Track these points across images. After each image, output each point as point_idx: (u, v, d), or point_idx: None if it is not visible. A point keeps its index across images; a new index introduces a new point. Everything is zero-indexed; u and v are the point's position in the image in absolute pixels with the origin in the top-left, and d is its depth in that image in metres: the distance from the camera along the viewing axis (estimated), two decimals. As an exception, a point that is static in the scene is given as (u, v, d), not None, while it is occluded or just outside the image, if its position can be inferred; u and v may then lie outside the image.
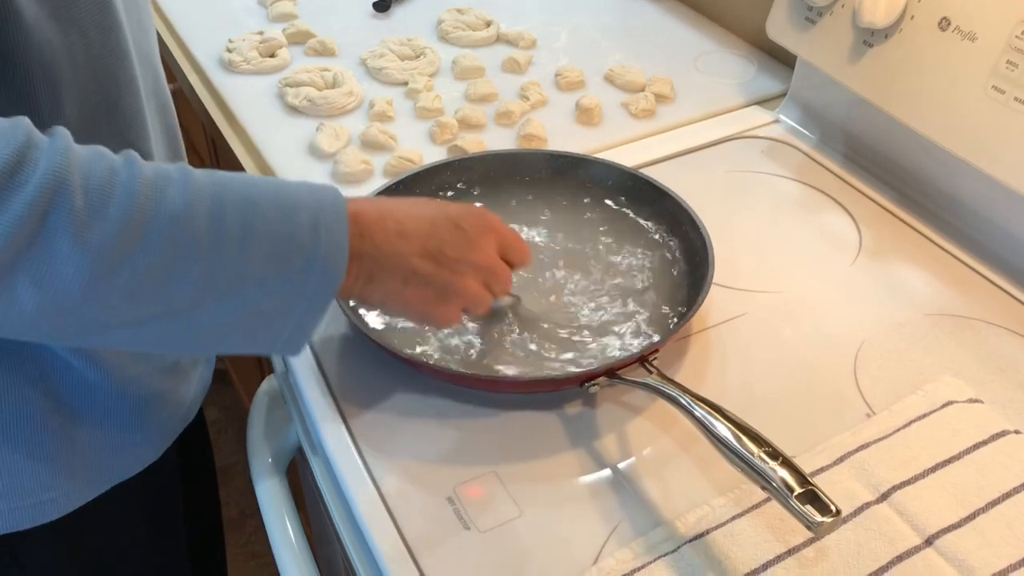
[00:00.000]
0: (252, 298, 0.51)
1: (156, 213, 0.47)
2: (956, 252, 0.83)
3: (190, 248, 0.49)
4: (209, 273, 0.49)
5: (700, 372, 0.72)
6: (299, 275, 0.52)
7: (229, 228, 0.50)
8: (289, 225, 0.52)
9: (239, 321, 0.52)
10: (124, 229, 0.46)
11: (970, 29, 0.77)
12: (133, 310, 0.49)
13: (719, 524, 0.60)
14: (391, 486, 0.64)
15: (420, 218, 0.60)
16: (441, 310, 0.62)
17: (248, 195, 0.51)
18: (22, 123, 0.46)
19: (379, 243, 0.57)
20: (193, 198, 0.49)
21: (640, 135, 1.00)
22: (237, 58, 1.10)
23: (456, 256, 0.60)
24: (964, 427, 0.65)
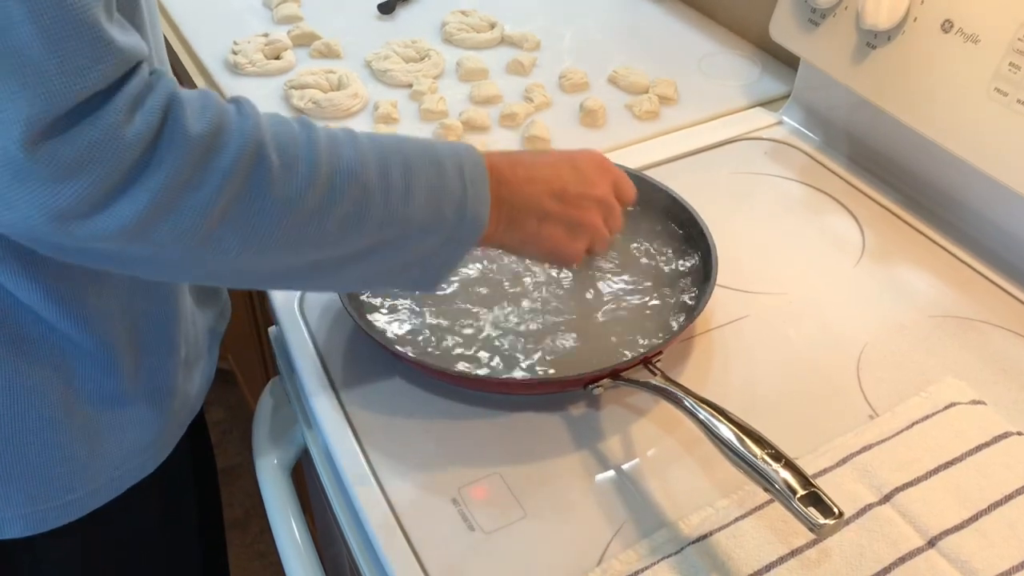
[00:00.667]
0: (415, 242, 0.57)
1: (336, 168, 0.52)
2: (959, 253, 0.83)
3: (365, 199, 0.53)
4: (382, 220, 0.55)
5: (704, 373, 0.72)
6: (452, 221, 0.57)
7: (394, 181, 0.55)
8: (441, 178, 0.57)
9: (400, 262, 0.58)
10: (312, 183, 0.51)
11: (973, 31, 0.78)
12: (317, 254, 0.54)
13: (722, 525, 0.60)
14: (396, 487, 0.64)
15: (544, 164, 0.64)
16: (572, 246, 0.65)
17: (404, 152, 0.56)
18: (210, 93, 0.50)
19: (514, 189, 0.61)
20: (362, 155, 0.54)
21: (644, 137, 1.00)
22: (242, 60, 1.11)
23: (578, 191, 0.64)
24: (967, 429, 0.66)
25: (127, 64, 0.46)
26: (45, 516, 0.65)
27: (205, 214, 0.48)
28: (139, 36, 0.48)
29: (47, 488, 0.64)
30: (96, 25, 0.44)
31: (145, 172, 0.46)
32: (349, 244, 0.54)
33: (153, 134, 0.46)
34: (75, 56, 0.43)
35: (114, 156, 0.45)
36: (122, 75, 0.45)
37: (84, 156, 0.44)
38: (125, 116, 0.45)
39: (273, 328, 0.81)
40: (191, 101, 0.48)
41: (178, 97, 0.47)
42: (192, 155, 0.47)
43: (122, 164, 0.45)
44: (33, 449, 0.62)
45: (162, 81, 0.48)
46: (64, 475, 0.64)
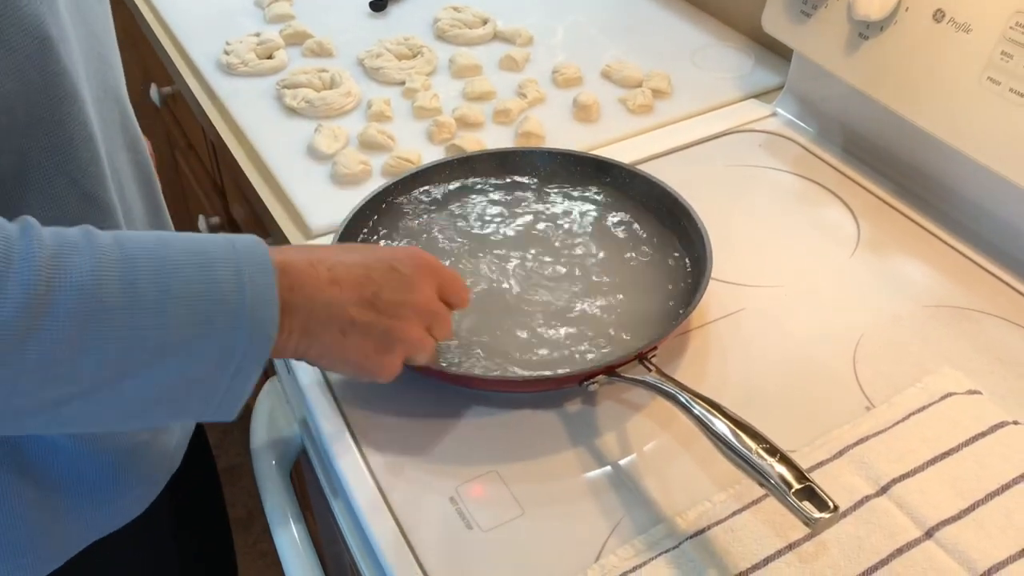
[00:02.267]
0: (177, 366, 0.48)
1: (61, 284, 0.44)
2: (954, 243, 0.83)
3: (102, 319, 0.45)
4: (127, 344, 0.46)
5: (699, 368, 0.72)
6: (226, 335, 0.49)
7: (143, 292, 0.46)
8: (208, 282, 0.48)
9: (166, 392, 0.49)
10: (27, 306, 0.43)
11: (964, 20, 0.78)
12: (47, 392, 0.46)
13: (719, 520, 0.60)
14: (393, 486, 0.64)
15: (352, 263, 0.57)
16: (383, 360, 0.59)
17: (160, 255, 0.48)
18: None
19: (311, 293, 0.53)
20: (100, 264, 0.46)
21: (638, 131, 1.00)
22: (235, 60, 1.10)
23: (395, 299, 0.57)
24: (963, 419, 0.66)
25: None
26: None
27: None
28: None
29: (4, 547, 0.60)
30: None
31: None
32: (88, 376, 0.46)
33: None
34: None
35: None
36: None
37: None
38: None
39: (269, 329, 0.81)
40: None
41: None
42: None
43: None
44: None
45: None
46: (13, 541, 0.60)
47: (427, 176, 0.85)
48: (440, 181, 0.86)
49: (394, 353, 0.59)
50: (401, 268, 0.58)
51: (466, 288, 0.64)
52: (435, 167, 0.86)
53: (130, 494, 0.68)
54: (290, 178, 0.93)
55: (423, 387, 0.71)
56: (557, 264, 0.78)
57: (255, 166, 0.98)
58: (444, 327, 0.62)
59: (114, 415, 0.50)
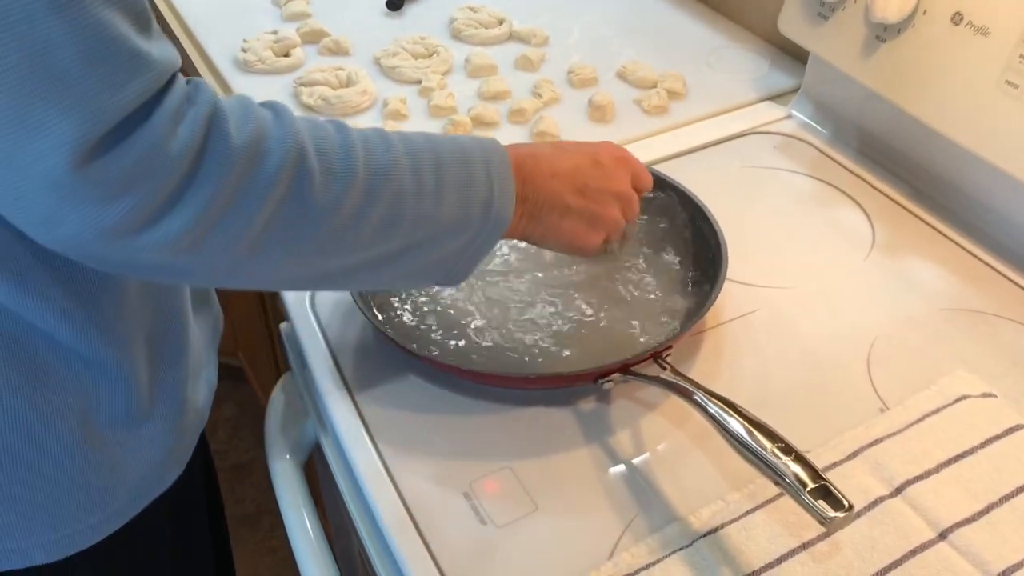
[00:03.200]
0: (444, 241, 0.58)
1: (372, 171, 0.53)
2: (969, 246, 0.83)
3: (400, 201, 0.54)
4: (415, 221, 0.55)
5: (714, 368, 0.73)
6: (478, 219, 0.58)
7: (426, 181, 0.56)
8: (469, 176, 0.58)
9: (430, 259, 0.58)
10: (350, 188, 0.52)
11: (983, 24, 0.77)
12: (353, 257, 0.55)
13: (733, 519, 0.60)
14: (408, 482, 0.65)
15: (565, 158, 0.65)
16: (591, 239, 0.67)
17: (435, 151, 0.57)
18: (249, 100, 0.50)
19: (538, 185, 0.62)
20: (395, 157, 0.55)
21: (653, 131, 1.00)
22: (252, 58, 1.11)
23: (599, 187, 0.66)
24: (978, 421, 0.66)
25: (163, 76, 0.46)
26: (67, 541, 0.64)
27: (251, 223, 0.48)
28: (171, 46, 0.48)
29: (68, 514, 0.63)
30: (128, 39, 0.44)
31: (192, 186, 0.46)
32: (383, 246, 0.55)
33: (198, 147, 0.46)
34: (114, 73, 0.43)
35: (160, 172, 0.45)
36: (160, 88, 0.45)
37: (131, 173, 0.44)
38: (168, 130, 0.45)
39: (284, 324, 0.81)
40: (232, 111, 0.48)
41: (220, 108, 0.48)
42: (237, 167, 0.47)
43: (169, 179, 0.45)
44: (53, 476, 0.61)
45: (201, 92, 0.48)
46: (84, 499, 0.63)
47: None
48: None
49: (599, 232, 0.67)
50: (603, 160, 0.67)
51: (649, 175, 0.71)
52: (451, 165, 0.86)
53: (177, 449, 0.70)
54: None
55: (437, 383, 0.71)
56: (570, 263, 0.78)
57: (271, 163, 0.98)
58: (634, 209, 0.69)
59: (388, 276, 0.59)
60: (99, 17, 0.43)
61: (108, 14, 0.43)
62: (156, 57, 0.45)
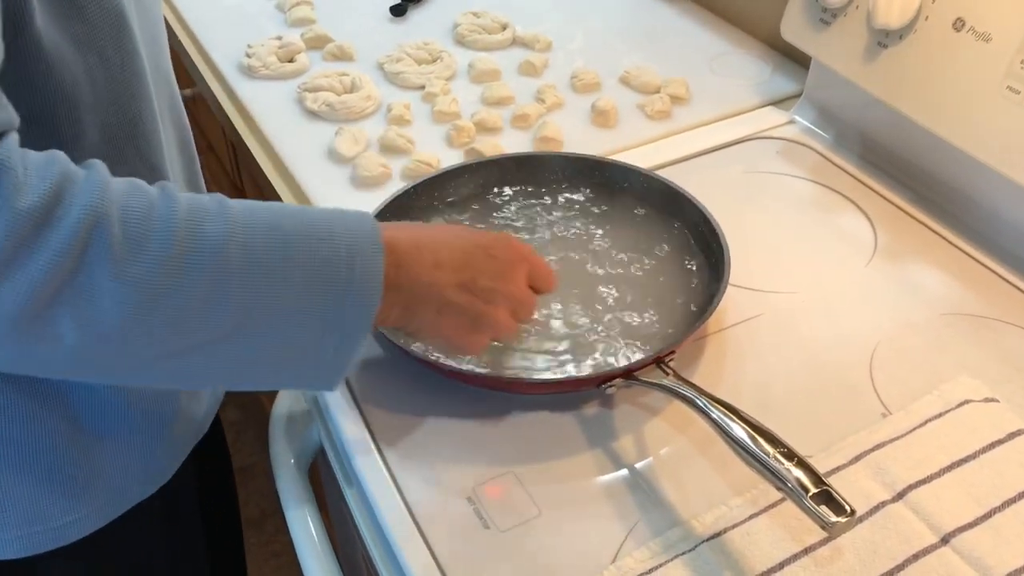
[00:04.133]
0: (288, 329, 0.52)
1: (194, 246, 0.48)
2: (971, 251, 0.83)
3: (228, 279, 0.49)
4: (247, 303, 0.50)
5: (716, 373, 0.73)
6: (334, 306, 0.52)
7: (266, 260, 0.50)
8: (324, 256, 0.52)
9: (276, 353, 0.52)
10: (164, 262, 0.47)
11: (985, 30, 0.78)
12: (173, 342, 0.49)
13: (736, 524, 0.60)
14: (411, 486, 0.65)
15: (454, 248, 0.60)
16: (473, 338, 0.63)
17: (283, 226, 0.52)
18: (57, 157, 0.46)
19: (415, 274, 0.57)
20: (230, 230, 0.49)
21: (656, 136, 1.00)
22: (256, 63, 1.11)
23: (489, 286, 0.61)
24: (980, 426, 0.66)
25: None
26: (41, 538, 0.64)
27: (32, 297, 0.44)
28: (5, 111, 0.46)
29: (44, 510, 0.63)
30: None
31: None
32: (207, 329, 0.50)
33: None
34: None
35: None
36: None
37: None
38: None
39: (289, 329, 0.82)
40: (26, 169, 0.44)
41: (9, 165, 0.44)
42: (15, 232, 0.43)
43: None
44: (32, 472, 0.62)
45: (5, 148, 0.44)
46: (61, 498, 0.63)
47: (446, 180, 0.86)
48: (459, 185, 0.87)
49: (483, 333, 0.62)
50: (497, 255, 0.62)
51: (552, 275, 0.67)
52: (454, 171, 0.87)
53: (166, 456, 0.70)
54: (310, 180, 0.94)
55: (441, 388, 0.71)
56: (573, 267, 0.79)
57: (276, 168, 0.98)
58: (528, 311, 0.65)
59: (224, 372, 0.54)
60: None
61: None
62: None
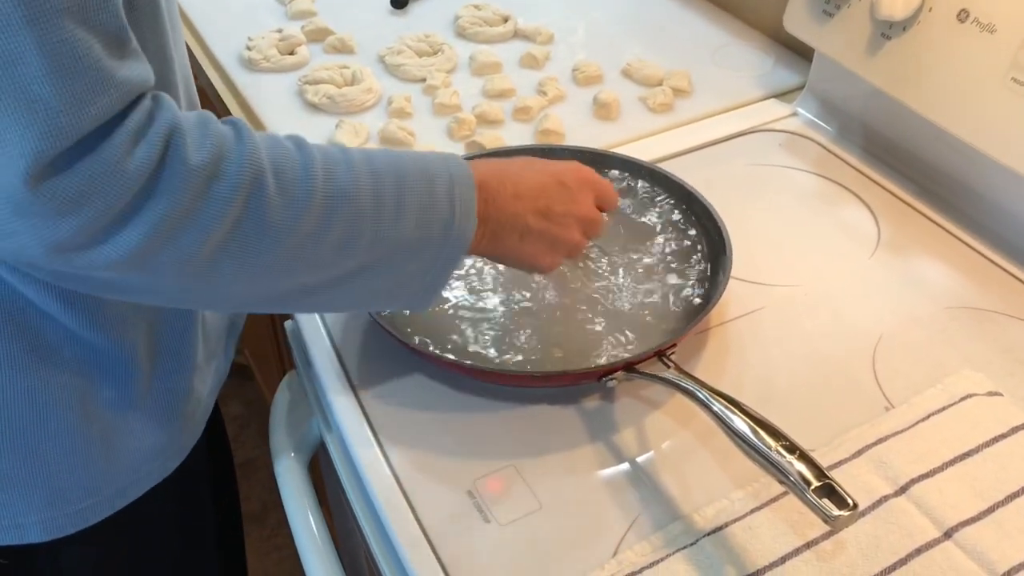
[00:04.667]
0: (403, 263, 0.57)
1: (331, 191, 0.52)
2: (975, 244, 0.83)
3: (358, 221, 0.54)
4: (373, 242, 0.55)
5: (718, 366, 0.72)
6: (438, 241, 0.58)
7: (386, 202, 0.55)
8: (430, 196, 0.57)
9: (389, 283, 0.58)
10: (308, 208, 0.51)
11: (989, 21, 0.77)
12: (309, 277, 0.54)
13: (737, 517, 0.60)
14: (411, 480, 0.65)
15: (531, 180, 0.65)
16: (550, 259, 0.66)
17: (398, 170, 0.56)
18: (209, 116, 0.50)
19: (500, 206, 0.62)
20: (356, 176, 0.54)
21: (658, 129, 1.00)
22: (257, 56, 1.11)
23: (563, 211, 0.65)
24: (984, 420, 0.65)
25: (129, 97, 0.46)
26: (64, 521, 0.65)
27: (203, 243, 0.48)
28: (145, 65, 0.48)
29: (66, 493, 0.64)
30: (99, 60, 0.44)
31: (146, 204, 0.46)
32: (340, 266, 0.55)
33: (154, 166, 0.46)
34: (80, 91, 0.43)
35: (115, 189, 0.45)
36: (124, 107, 0.45)
37: (85, 190, 0.44)
38: (127, 149, 0.45)
39: (289, 322, 0.82)
40: (191, 129, 0.48)
41: (179, 126, 0.47)
42: (192, 186, 0.47)
43: (123, 197, 0.45)
44: (52, 455, 0.62)
45: (163, 109, 0.47)
46: (83, 480, 0.64)
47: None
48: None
49: (558, 253, 0.67)
50: (568, 182, 0.66)
51: (615, 195, 0.71)
52: (455, 163, 0.86)
53: (179, 437, 0.71)
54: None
55: (442, 381, 0.71)
56: (574, 260, 0.78)
57: (276, 161, 0.98)
58: (597, 229, 0.69)
59: (343, 301, 0.60)
60: (72, 35, 0.43)
61: (81, 33, 0.43)
62: (124, 77, 0.45)
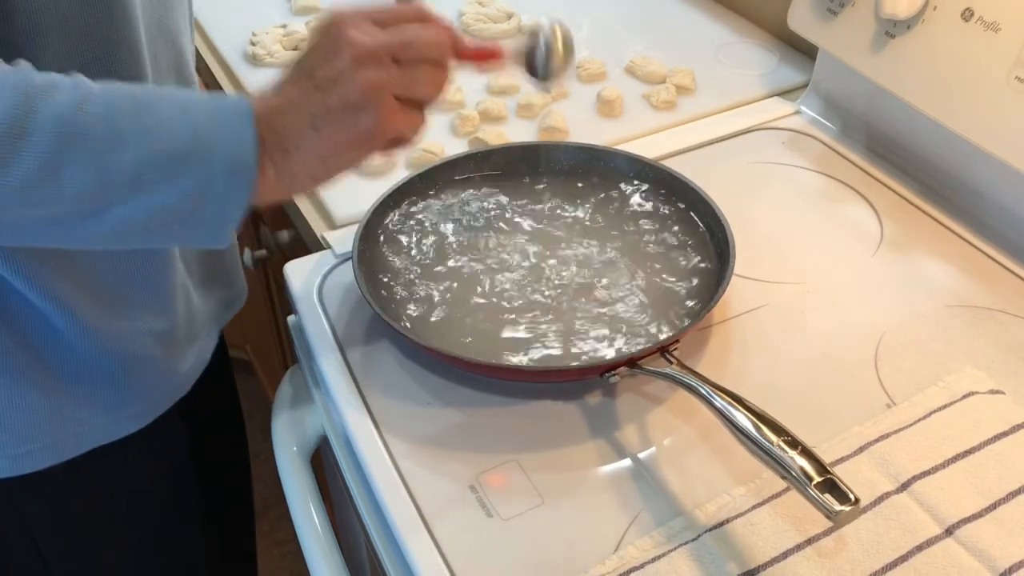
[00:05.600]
0: (159, 197, 0.51)
1: (41, 112, 0.47)
2: (977, 243, 0.83)
3: (79, 144, 0.48)
4: (105, 169, 0.49)
5: (721, 362, 0.73)
6: (201, 172, 0.51)
7: (121, 127, 0.49)
8: (186, 123, 0.50)
9: (154, 219, 0.52)
10: (9, 128, 0.47)
11: (993, 19, 0.77)
12: (36, 210, 0.49)
13: (739, 513, 0.60)
14: (414, 474, 0.65)
15: (285, 77, 0.55)
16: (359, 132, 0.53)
17: (142, 98, 0.51)
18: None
19: (268, 111, 0.53)
20: (82, 99, 0.49)
21: (661, 127, 1.00)
22: (261, 51, 1.11)
23: (330, 67, 0.53)
24: (985, 418, 0.66)
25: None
26: (27, 458, 0.65)
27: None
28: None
29: (24, 433, 0.64)
30: None
31: None
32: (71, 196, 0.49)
33: None
34: None
35: None
36: None
37: None
38: None
39: (292, 317, 0.82)
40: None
41: None
42: None
43: None
44: (5, 398, 0.63)
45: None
46: (21, 425, 0.64)
47: (451, 169, 0.86)
48: (464, 174, 0.86)
49: (365, 116, 0.53)
50: (321, 38, 0.54)
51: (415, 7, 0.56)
52: (458, 160, 0.86)
53: (133, 406, 0.70)
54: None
55: (444, 376, 0.71)
56: (578, 257, 0.78)
57: (280, 156, 0.98)
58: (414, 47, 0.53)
59: (110, 236, 0.53)
60: None
61: None
62: None
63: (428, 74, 0.54)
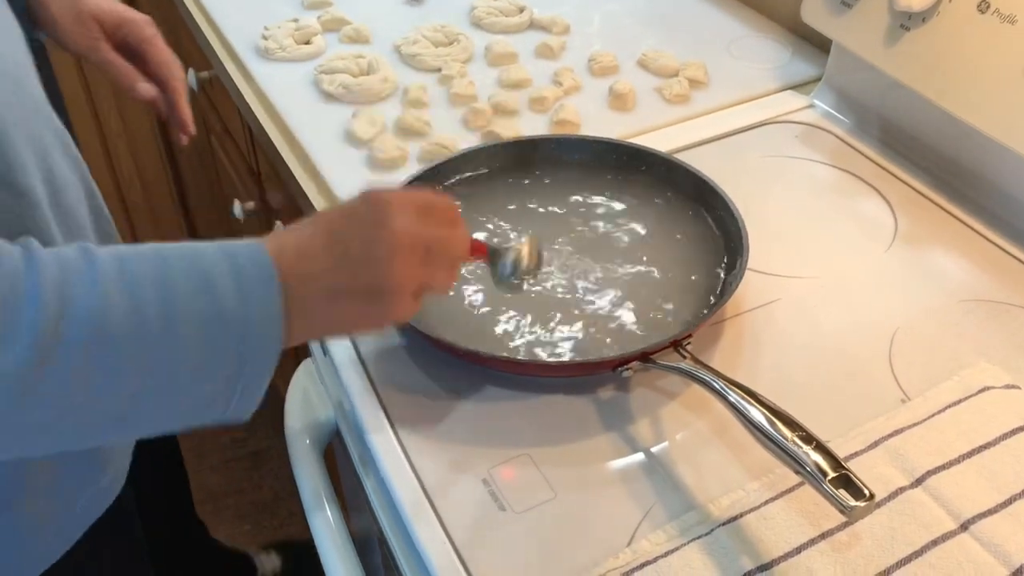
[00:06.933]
0: (190, 385, 0.48)
1: (69, 317, 0.44)
2: (993, 237, 0.83)
3: (112, 347, 0.45)
4: (140, 369, 0.46)
5: (734, 357, 0.72)
6: (234, 351, 0.48)
7: (148, 318, 0.46)
8: (211, 299, 0.47)
9: (184, 406, 0.50)
10: (37, 344, 0.43)
11: (1010, 12, 0.77)
12: (70, 419, 0.46)
13: (752, 508, 0.60)
14: (427, 467, 0.65)
15: (313, 234, 0.53)
16: (382, 315, 0.54)
17: (161, 275, 0.47)
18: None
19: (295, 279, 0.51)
20: (104, 289, 0.45)
21: (674, 120, 1.00)
22: (272, 45, 1.11)
23: (369, 247, 0.52)
24: (1000, 413, 0.65)
25: None
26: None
27: None
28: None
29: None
30: None
31: None
32: (105, 403, 0.46)
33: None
34: None
35: None
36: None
37: None
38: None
39: (305, 311, 0.82)
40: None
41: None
42: None
43: None
44: None
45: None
46: None
47: (463, 162, 0.86)
48: (476, 167, 0.86)
49: (389, 304, 0.53)
50: (359, 211, 0.53)
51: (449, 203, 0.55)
52: (471, 153, 0.86)
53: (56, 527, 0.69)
54: (327, 163, 0.94)
55: (456, 370, 0.71)
56: (592, 251, 0.78)
57: (292, 151, 0.98)
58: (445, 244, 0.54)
59: (140, 429, 0.51)
60: None
61: None
62: None
63: (447, 274, 0.55)
